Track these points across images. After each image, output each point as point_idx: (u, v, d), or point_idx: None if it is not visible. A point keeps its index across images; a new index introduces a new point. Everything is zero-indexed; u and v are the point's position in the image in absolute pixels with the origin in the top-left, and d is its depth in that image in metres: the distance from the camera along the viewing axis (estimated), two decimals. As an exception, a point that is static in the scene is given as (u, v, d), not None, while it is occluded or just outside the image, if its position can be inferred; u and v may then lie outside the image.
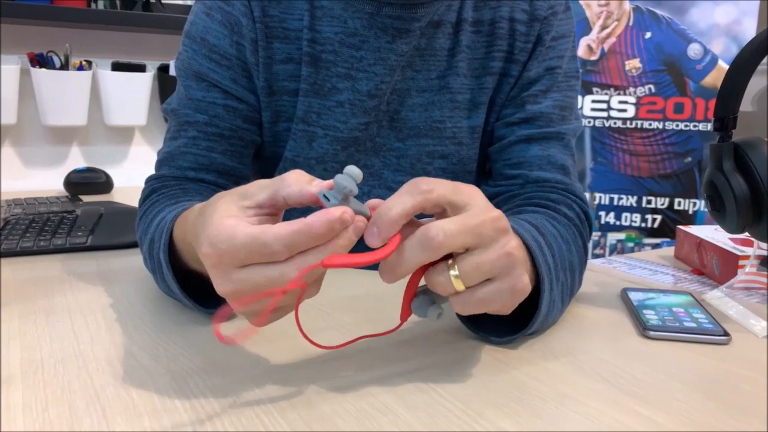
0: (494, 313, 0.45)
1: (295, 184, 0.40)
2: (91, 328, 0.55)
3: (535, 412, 0.42)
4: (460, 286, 0.41)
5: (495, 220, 0.41)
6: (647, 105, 1.96)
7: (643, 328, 0.56)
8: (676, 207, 1.97)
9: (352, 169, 0.40)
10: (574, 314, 0.62)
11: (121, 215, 0.95)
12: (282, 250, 0.38)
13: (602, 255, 2.04)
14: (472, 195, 0.43)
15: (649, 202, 1.99)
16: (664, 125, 1.95)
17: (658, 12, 1.93)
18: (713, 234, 0.84)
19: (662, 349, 0.53)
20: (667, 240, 1.98)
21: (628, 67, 1.96)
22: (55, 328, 0.55)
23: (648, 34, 1.94)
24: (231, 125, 0.71)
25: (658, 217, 1.99)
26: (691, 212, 1.96)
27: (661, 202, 1.98)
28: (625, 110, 1.98)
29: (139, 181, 0.76)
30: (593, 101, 2.00)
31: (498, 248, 0.41)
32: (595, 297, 0.68)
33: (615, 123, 1.99)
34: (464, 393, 0.44)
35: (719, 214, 0.64)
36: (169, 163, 0.71)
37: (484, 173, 0.79)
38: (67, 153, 1.65)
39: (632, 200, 2.00)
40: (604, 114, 1.99)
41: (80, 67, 1.56)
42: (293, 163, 0.74)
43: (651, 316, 0.59)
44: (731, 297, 0.68)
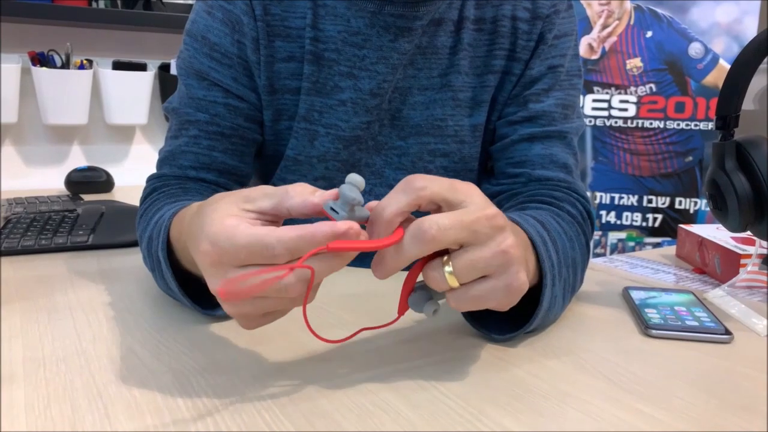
0: (493, 309, 0.45)
1: (299, 195, 0.40)
2: (92, 327, 0.55)
3: (537, 410, 0.42)
4: (455, 283, 0.41)
5: (491, 217, 0.41)
6: (648, 104, 1.96)
7: (645, 327, 0.56)
8: (677, 206, 1.97)
9: (355, 178, 0.40)
10: (576, 313, 0.62)
11: (122, 214, 0.95)
12: (284, 253, 0.38)
13: (603, 254, 2.04)
14: (469, 192, 0.42)
15: (650, 202, 1.99)
16: (665, 124, 1.95)
17: (659, 11, 1.93)
18: (715, 233, 0.84)
19: (664, 347, 0.53)
20: (668, 239, 1.98)
21: (629, 66, 1.96)
22: (56, 326, 0.55)
23: (649, 33, 1.94)
24: (232, 124, 0.71)
25: (659, 217, 1.99)
26: (692, 211, 1.95)
27: (662, 202, 1.97)
28: (626, 109, 1.98)
29: (140, 179, 0.76)
30: (594, 100, 2.00)
31: (493, 246, 0.41)
32: (596, 296, 0.68)
33: (616, 122, 1.99)
34: (465, 391, 0.44)
35: (721, 212, 0.64)
36: (170, 162, 0.71)
37: (486, 171, 0.79)
38: (68, 152, 1.65)
39: (633, 199, 2.00)
40: (605, 113, 1.99)
41: (81, 66, 1.56)
42: (295, 161, 0.73)
43: (653, 315, 0.59)
44: (733, 296, 0.67)
